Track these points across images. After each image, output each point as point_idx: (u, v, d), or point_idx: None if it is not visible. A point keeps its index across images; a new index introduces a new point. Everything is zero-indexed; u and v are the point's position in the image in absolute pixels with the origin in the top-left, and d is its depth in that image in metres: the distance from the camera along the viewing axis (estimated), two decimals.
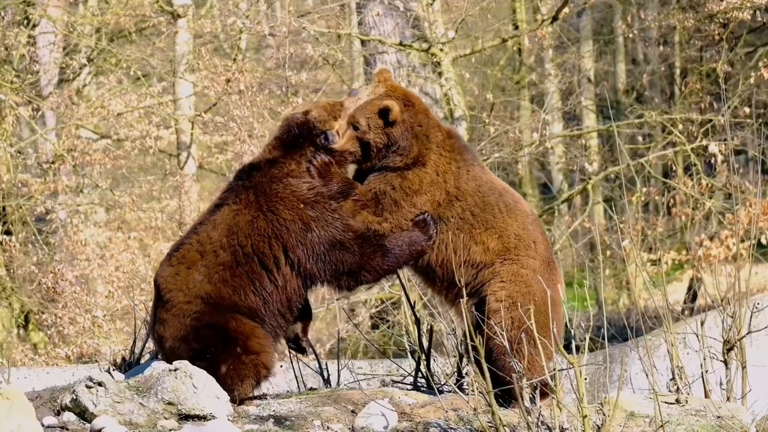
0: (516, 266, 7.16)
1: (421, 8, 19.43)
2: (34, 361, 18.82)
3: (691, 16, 22.05)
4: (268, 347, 7.08)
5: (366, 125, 7.18)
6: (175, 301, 7.06)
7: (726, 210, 19.62)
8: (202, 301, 7.01)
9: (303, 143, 7.24)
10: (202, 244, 7.10)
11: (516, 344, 6.89)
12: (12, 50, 21.03)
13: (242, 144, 19.62)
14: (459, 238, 7.17)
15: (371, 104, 7.21)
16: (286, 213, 7.07)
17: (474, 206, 7.22)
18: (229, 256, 7.04)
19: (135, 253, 20.49)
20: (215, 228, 7.11)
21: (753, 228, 10.48)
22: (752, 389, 7.62)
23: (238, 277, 7.03)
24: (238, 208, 7.12)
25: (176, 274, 7.10)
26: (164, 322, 7.10)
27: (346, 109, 7.30)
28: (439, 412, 6.95)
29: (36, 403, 6.89)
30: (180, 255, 7.14)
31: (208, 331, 6.99)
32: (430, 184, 7.21)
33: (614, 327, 18.92)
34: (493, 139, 20.19)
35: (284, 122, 7.40)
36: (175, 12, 21.97)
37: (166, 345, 7.09)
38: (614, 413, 6.51)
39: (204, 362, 6.91)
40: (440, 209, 7.21)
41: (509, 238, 7.21)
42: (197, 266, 7.06)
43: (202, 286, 7.03)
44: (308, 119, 7.26)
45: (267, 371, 7.07)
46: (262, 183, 7.15)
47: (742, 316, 7.62)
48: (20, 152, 21.62)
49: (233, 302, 7.02)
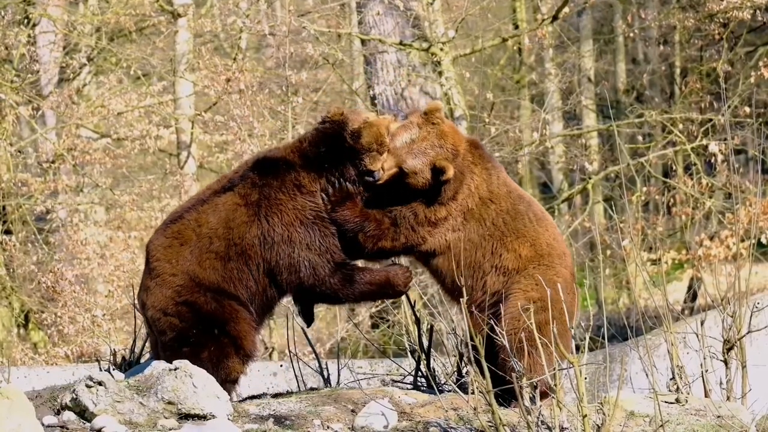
0: (550, 272, 7.20)
1: (422, 7, 19.41)
2: (34, 361, 18.83)
3: (691, 16, 22.04)
4: (251, 332, 7.13)
5: (414, 174, 7.15)
6: (161, 271, 7.12)
7: (726, 209, 19.61)
8: (188, 277, 7.06)
9: (331, 167, 7.15)
10: (199, 225, 7.13)
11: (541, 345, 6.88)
12: (12, 49, 21.03)
13: (242, 143, 19.60)
14: (489, 244, 7.21)
15: (425, 155, 7.15)
16: (279, 228, 7.07)
17: (506, 213, 7.28)
18: (223, 247, 7.08)
19: (135, 253, 20.48)
20: (215, 213, 7.13)
21: (753, 227, 10.47)
22: (752, 389, 7.62)
23: (229, 271, 7.09)
24: (240, 203, 7.12)
25: (168, 246, 7.15)
26: (148, 289, 7.18)
27: (392, 138, 7.17)
28: (439, 411, 6.95)
29: (36, 403, 6.89)
30: (176, 229, 7.18)
31: (185, 308, 7.05)
32: (462, 206, 7.25)
33: (614, 326, 18.90)
34: (493, 139, 20.18)
35: (319, 133, 7.25)
36: (176, 11, 21.97)
37: (148, 313, 7.17)
38: (614, 413, 6.51)
39: (188, 347, 6.98)
40: (473, 212, 7.23)
41: (542, 247, 7.27)
42: (190, 245, 7.10)
43: (190, 265, 7.07)
44: (358, 146, 7.14)
45: (247, 354, 7.11)
46: (271, 186, 7.13)
47: (742, 316, 7.62)
48: (20, 151, 21.62)
49: (221, 288, 7.08)
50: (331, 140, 7.17)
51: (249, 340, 7.11)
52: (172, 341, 7.07)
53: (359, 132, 7.14)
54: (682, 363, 7.46)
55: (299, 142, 7.27)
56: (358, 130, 7.15)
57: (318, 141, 7.21)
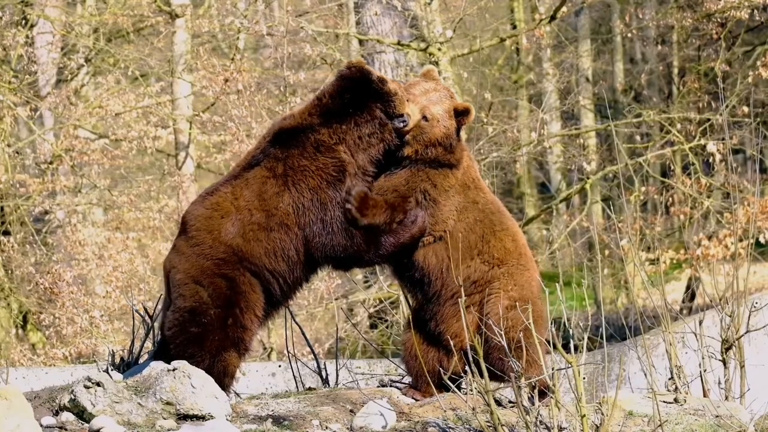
0: (527, 274, 7.26)
1: (419, 7, 19.41)
2: (32, 361, 18.83)
3: (689, 15, 22.06)
4: (256, 326, 7.15)
5: (436, 121, 7.18)
6: (201, 240, 7.08)
7: (724, 209, 19.63)
8: (231, 251, 7.03)
9: (356, 111, 7.12)
10: (236, 198, 7.12)
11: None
12: (10, 50, 21.04)
13: (240, 144, 19.61)
14: (479, 228, 7.26)
15: (442, 103, 7.23)
16: (307, 193, 7.08)
17: (491, 202, 7.36)
18: (263, 219, 7.07)
19: (133, 253, 20.50)
20: (248, 186, 7.13)
21: (751, 227, 10.51)
22: (751, 388, 7.62)
23: (273, 241, 7.07)
24: (268, 175, 7.13)
25: (209, 217, 7.12)
26: (182, 254, 7.13)
27: (413, 95, 7.21)
28: (438, 411, 6.96)
29: (34, 403, 6.89)
30: (215, 201, 7.15)
31: (221, 281, 7.02)
32: (462, 180, 7.30)
33: (613, 326, 18.91)
34: (491, 139, 20.18)
35: (343, 80, 7.19)
36: (173, 12, 21.98)
37: (176, 276, 7.11)
38: (613, 412, 6.51)
39: (196, 328, 6.97)
40: (468, 193, 7.29)
41: (520, 245, 7.33)
42: (231, 218, 7.07)
43: (234, 238, 7.04)
44: (386, 90, 7.11)
45: (246, 348, 7.12)
46: (293, 156, 7.12)
47: (741, 315, 7.62)
48: (18, 152, 21.62)
49: (262, 263, 7.08)
50: (357, 85, 7.11)
51: (252, 334, 7.13)
52: (186, 312, 7.01)
53: (384, 78, 7.14)
54: (681, 363, 7.46)
55: (317, 100, 7.21)
56: (383, 78, 7.14)
57: (341, 89, 7.15)
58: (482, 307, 7.17)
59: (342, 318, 17.46)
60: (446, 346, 7.08)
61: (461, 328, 7.03)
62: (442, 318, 7.24)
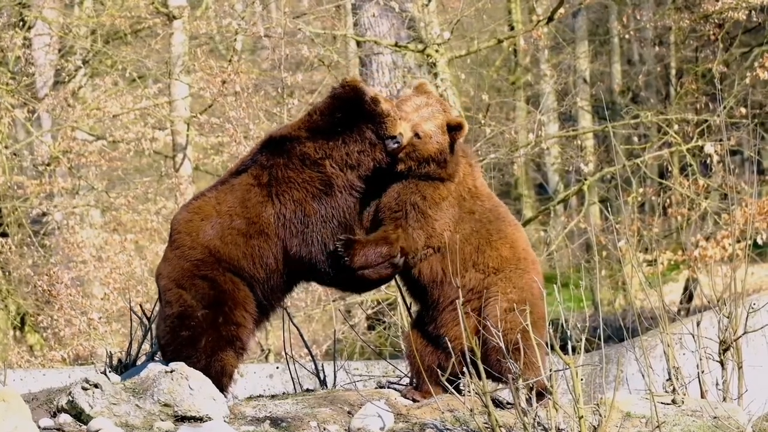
0: (527, 277, 7.24)
1: (417, 9, 19.41)
2: (30, 363, 18.80)
3: (686, 17, 22.05)
4: (250, 322, 7.14)
5: (429, 138, 7.14)
6: (181, 243, 7.15)
7: (722, 210, 19.63)
8: (208, 251, 7.07)
9: (346, 131, 7.11)
10: (219, 202, 7.17)
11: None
12: (7, 52, 21.02)
13: (238, 145, 19.59)
14: (475, 239, 7.23)
15: (434, 119, 7.18)
16: (290, 204, 7.09)
17: (489, 211, 7.31)
18: (244, 225, 7.10)
19: (131, 255, 20.48)
20: (232, 192, 7.17)
21: (749, 228, 10.50)
22: (748, 389, 7.63)
23: (251, 248, 7.09)
24: (253, 183, 7.16)
25: (189, 220, 7.18)
26: (167, 260, 7.20)
27: (405, 113, 7.18)
28: (436, 412, 6.95)
29: (32, 405, 6.88)
30: (197, 205, 7.23)
31: (202, 282, 7.06)
32: (457, 192, 7.26)
33: (610, 327, 18.87)
34: (488, 140, 20.17)
35: (335, 99, 7.19)
36: (171, 13, 21.97)
37: (161, 282, 7.17)
38: (611, 414, 6.51)
39: (187, 331, 6.97)
40: (464, 204, 7.25)
41: (519, 251, 7.31)
42: (211, 220, 7.12)
43: (211, 240, 7.08)
44: (378, 112, 7.10)
45: (243, 346, 7.12)
46: (278, 165, 7.14)
47: (738, 317, 7.62)
48: (16, 154, 21.60)
49: (240, 266, 7.10)
50: (349, 105, 7.11)
51: (247, 331, 7.12)
52: (174, 318, 7.04)
53: (377, 98, 7.12)
54: (679, 364, 7.47)
55: (308, 116, 7.22)
56: (376, 97, 7.12)
57: (333, 108, 7.15)
58: (481, 312, 7.16)
59: (340, 320, 17.45)
60: (446, 349, 7.08)
61: (461, 332, 7.03)
62: (442, 323, 7.24)
